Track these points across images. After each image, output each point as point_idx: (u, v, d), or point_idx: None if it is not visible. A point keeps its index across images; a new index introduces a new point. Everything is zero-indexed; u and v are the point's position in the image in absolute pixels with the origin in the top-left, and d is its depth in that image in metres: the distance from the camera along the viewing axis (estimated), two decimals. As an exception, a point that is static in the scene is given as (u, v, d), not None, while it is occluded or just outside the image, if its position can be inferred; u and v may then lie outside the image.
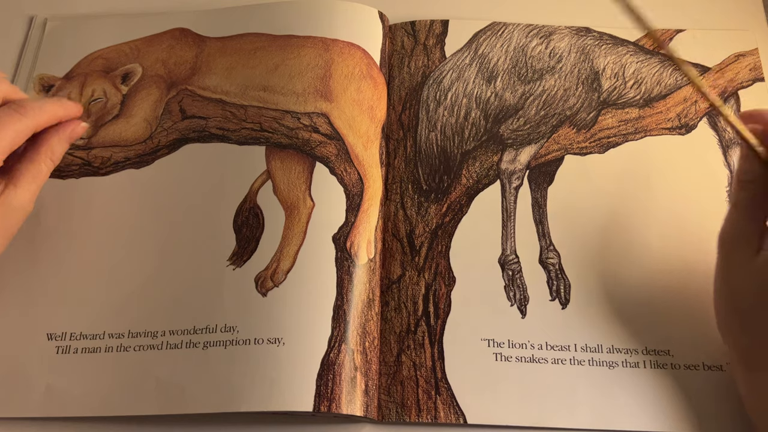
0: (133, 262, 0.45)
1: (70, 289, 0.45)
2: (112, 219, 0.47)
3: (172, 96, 0.52)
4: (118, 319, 0.44)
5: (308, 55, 0.51)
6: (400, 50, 0.53)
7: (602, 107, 0.51)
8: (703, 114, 0.50)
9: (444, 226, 0.47)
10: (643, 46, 0.53)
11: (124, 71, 0.53)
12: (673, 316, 0.43)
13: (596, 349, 0.43)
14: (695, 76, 0.36)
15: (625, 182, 0.48)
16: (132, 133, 0.50)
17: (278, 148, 0.48)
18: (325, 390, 0.40)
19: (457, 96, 0.51)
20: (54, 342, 0.43)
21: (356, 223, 0.46)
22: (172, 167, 0.49)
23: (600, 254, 0.46)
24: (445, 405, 0.41)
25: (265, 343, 0.41)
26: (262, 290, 0.43)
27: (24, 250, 0.46)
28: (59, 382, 0.42)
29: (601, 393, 0.41)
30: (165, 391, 0.41)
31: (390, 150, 0.50)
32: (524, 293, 0.45)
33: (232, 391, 0.40)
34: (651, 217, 0.47)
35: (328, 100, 0.50)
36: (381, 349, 0.43)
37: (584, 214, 0.47)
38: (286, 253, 0.44)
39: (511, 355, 0.42)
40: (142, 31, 0.54)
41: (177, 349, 0.42)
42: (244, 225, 0.46)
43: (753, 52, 0.52)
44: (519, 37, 0.53)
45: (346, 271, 0.44)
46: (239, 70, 0.52)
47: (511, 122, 0.50)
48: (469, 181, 0.48)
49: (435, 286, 0.45)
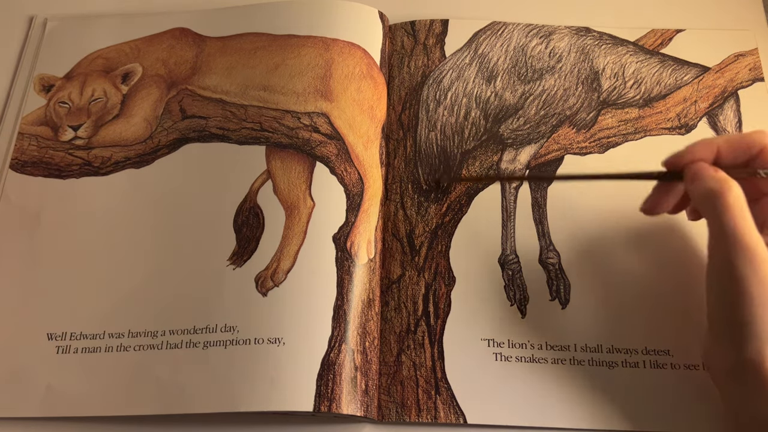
0: (133, 261, 0.45)
1: (70, 289, 0.45)
2: (112, 219, 0.47)
3: (172, 96, 0.52)
4: (118, 319, 0.44)
5: (308, 55, 0.51)
6: (400, 50, 0.53)
7: (602, 107, 0.51)
8: (703, 114, 0.50)
9: (444, 225, 0.47)
10: (642, 46, 0.53)
11: (125, 71, 0.53)
12: (673, 316, 0.43)
13: (596, 349, 0.43)
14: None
15: (625, 182, 0.48)
16: (132, 132, 0.50)
17: (278, 148, 0.48)
18: (326, 390, 0.40)
19: (456, 96, 0.51)
20: (54, 342, 0.43)
21: (356, 222, 0.46)
22: (172, 167, 0.49)
23: (600, 254, 0.46)
24: (445, 405, 0.41)
25: (265, 343, 0.41)
26: (262, 290, 0.43)
27: (24, 250, 0.46)
28: (59, 382, 0.42)
29: (601, 393, 0.41)
30: (165, 391, 0.41)
31: (390, 150, 0.50)
32: (524, 293, 0.45)
33: (232, 391, 0.40)
34: (651, 217, 0.47)
35: (329, 99, 0.50)
36: (381, 349, 0.43)
37: (584, 214, 0.47)
38: (286, 253, 0.44)
39: (511, 355, 0.42)
40: (142, 30, 0.54)
41: (177, 349, 0.42)
42: (244, 225, 0.46)
43: (753, 52, 0.52)
44: (519, 36, 0.53)
45: (347, 270, 0.44)
46: (239, 70, 0.52)
47: (511, 122, 0.50)
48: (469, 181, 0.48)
49: (435, 285, 0.45)
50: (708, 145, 0.38)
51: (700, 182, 0.37)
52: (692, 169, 0.38)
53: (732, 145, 0.38)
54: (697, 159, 0.38)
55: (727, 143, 0.38)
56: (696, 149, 0.38)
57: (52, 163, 0.49)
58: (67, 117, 0.51)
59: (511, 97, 0.51)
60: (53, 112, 0.51)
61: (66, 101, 0.51)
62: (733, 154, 0.38)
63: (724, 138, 0.38)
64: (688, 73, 0.52)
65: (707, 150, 0.38)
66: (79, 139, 0.50)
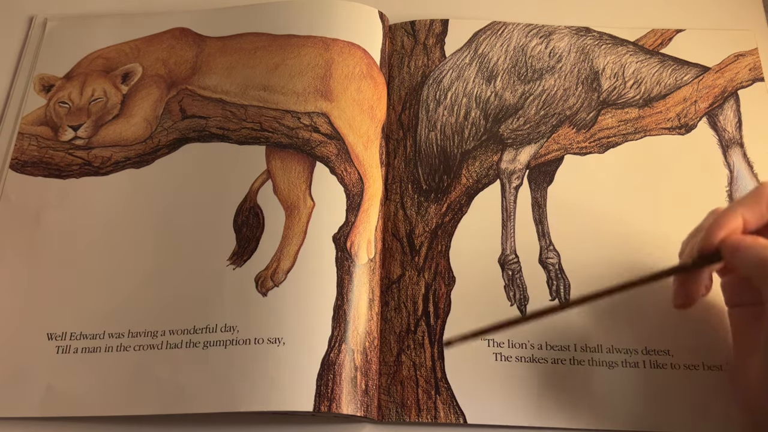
0: (133, 261, 0.45)
1: (70, 289, 0.45)
2: (112, 219, 0.47)
3: (172, 96, 0.52)
4: (118, 319, 0.44)
5: (308, 55, 0.51)
6: (400, 50, 0.53)
7: (602, 107, 0.51)
8: (703, 114, 0.50)
9: (444, 225, 0.47)
10: (642, 46, 0.53)
11: (125, 71, 0.53)
12: (673, 316, 0.43)
13: (596, 349, 0.43)
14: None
15: (625, 182, 0.48)
16: (132, 132, 0.50)
17: (278, 148, 0.48)
18: (326, 390, 0.40)
19: (456, 95, 0.51)
20: (54, 342, 0.43)
21: (356, 222, 0.46)
22: (173, 167, 0.49)
23: (600, 254, 0.46)
24: (445, 405, 0.41)
25: (265, 343, 0.41)
26: (262, 290, 0.43)
27: (24, 250, 0.46)
28: (59, 382, 0.42)
29: (601, 393, 0.41)
30: (165, 391, 0.41)
31: (390, 150, 0.50)
32: (524, 293, 0.45)
33: (232, 391, 0.40)
34: (651, 217, 0.47)
35: (329, 99, 0.50)
36: (381, 349, 0.43)
37: (584, 214, 0.47)
38: (286, 253, 0.44)
39: (511, 355, 0.42)
40: (142, 30, 0.54)
41: (177, 349, 0.42)
42: (244, 225, 0.46)
43: (753, 52, 0.52)
44: (519, 36, 0.53)
45: (347, 270, 0.44)
46: (239, 70, 0.52)
47: (511, 122, 0.50)
48: (469, 181, 0.48)
49: (435, 285, 0.45)
50: (732, 215, 0.37)
51: (744, 253, 0.35)
52: (730, 243, 0.36)
53: (751, 207, 0.37)
54: (729, 232, 0.36)
55: (746, 207, 0.37)
56: (724, 223, 0.37)
57: (52, 163, 0.49)
58: (67, 117, 0.51)
59: (511, 97, 0.51)
60: (53, 112, 0.51)
61: (66, 101, 0.51)
62: (757, 215, 0.37)
63: (738, 203, 0.37)
64: (688, 73, 0.52)
65: (734, 219, 0.37)
66: (79, 139, 0.50)
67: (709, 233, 0.37)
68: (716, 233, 0.36)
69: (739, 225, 0.37)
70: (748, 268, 0.35)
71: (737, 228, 0.37)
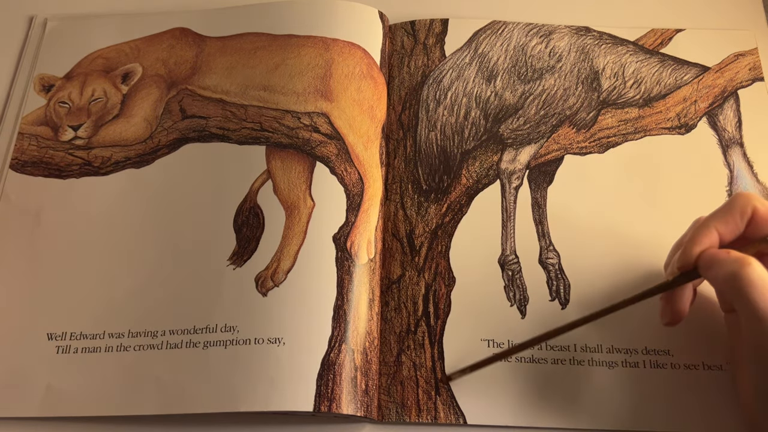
0: (133, 261, 0.45)
1: (70, 289, 0.45)
2: (112, 219, 0.47)
3: (172, 96, 0.52)
4: (118, 319, 0.44)
5: (308, 55, 0.51)
6: (400, 50, 0.53)
7: (602, 107, 0.51)
8: (703, 114, 0.50)
9: (444, 226, 0.47)
10: (642, 46, 0.53)
11: (125, 71, 0.53)
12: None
13: (596, 349, 0.43)
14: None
15: (625, 182, 0.48)
16: (132, 132, 0.50)
17: (278, 148, 0.48)
18: (326, 390, 0.40)
19: (456, 95, 0.51)
20: (54, 342, 0.43)
21: (356, 222, 0.46)
22: (173, 167, 0.49)
23: (599, 254, 0.46)
24: (445, 405, 0.41)
25: (265, 343, 0.41)
26: (262, 290, 0.43)
27: (24, 250, 0.46)
28: (59, 382, 0.42)
29: (601, 393, 0.41)
30: (165, 391, 0.41)
31: (390, 150, 0.50)
32: (524, 293, 0.45)
33: (232, 391, 0.40)
34: (651, 217, 0.47)
35: (329, 99, 0.50)
36: (381, 349, 0.43)
37: (584, 214, 0.47)
38: (286, 253, 0.44)
39: (511, 356, 0.42)
40: (142, 30, 0.54)
41: (177, 349, 0.42)
42: (244, 225, 0.46)
43: (752, 52, 0.52)
44: (519, 36, 0.53)
45: (347, 271, 0.44)
46: (239, 70, 0.52)
47: (511, 122, 0.50)
48: (468, 181, 0.48)
49: (435, 286, 0.45)
50: (706, 231, 0.37)
51: (716, 269, 0.35)
52: (704, 259, 0.36)
53: (725, 220, 0.37)
54: (705, 247, 0.37)
55: (720, 220, 0.37)
56: (699, 239, 0.37)
57: (52, 163, 0.49)
58: (67, 117, 0.51)
59: (511, 96, 0.51)
60: (53, 112, 0.51)
61: (66, 101, 0.52)
62: (731, 227, 0.37)
63: (712, 217, 0.37)
64: (687, 73, 0.52)
65: (708, 235, 0.37)
66: (79, 139, 0.50)
67: (685, 250, 0.37)
68: (693, 249, 0.37)
69: (715, 239, 0.37)
70: (720, 282, 0.36)
71: (713, 242, 0.37)
